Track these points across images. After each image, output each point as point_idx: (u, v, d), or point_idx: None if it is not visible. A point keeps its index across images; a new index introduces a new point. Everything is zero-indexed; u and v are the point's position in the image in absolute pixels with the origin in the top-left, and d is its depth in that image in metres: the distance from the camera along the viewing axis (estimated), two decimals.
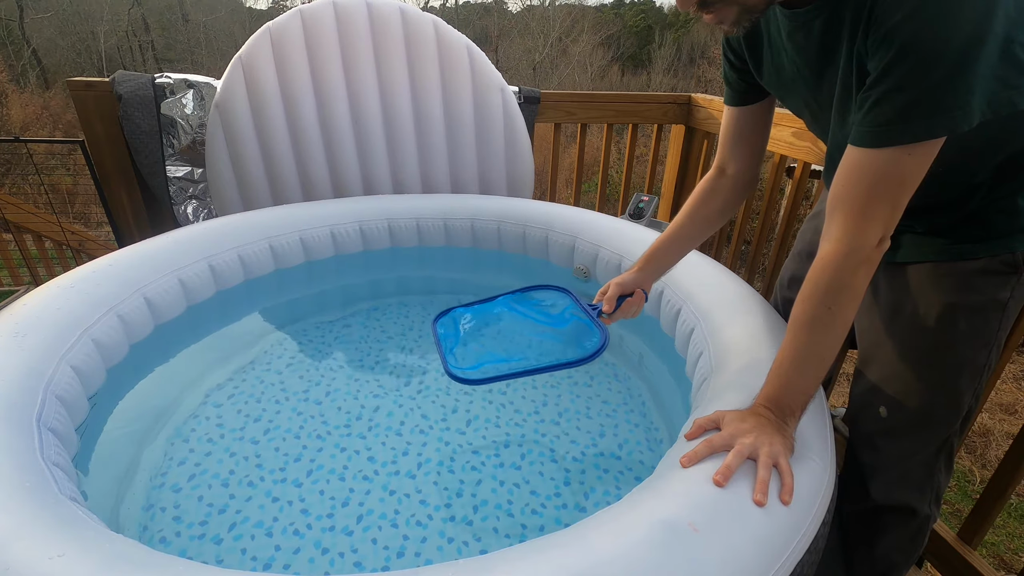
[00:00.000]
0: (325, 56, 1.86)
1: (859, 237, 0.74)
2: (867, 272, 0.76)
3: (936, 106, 0.66)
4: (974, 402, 0.95)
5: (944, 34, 0.63)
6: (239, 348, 1.55)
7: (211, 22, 22.59)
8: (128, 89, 1.87)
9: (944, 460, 0.99)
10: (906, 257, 0.94)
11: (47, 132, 13.08)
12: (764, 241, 2.15)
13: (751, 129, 1.06)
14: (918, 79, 0.66)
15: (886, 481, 1.02)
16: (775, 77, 0.95)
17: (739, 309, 1.20)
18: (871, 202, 0.73)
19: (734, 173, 1.09)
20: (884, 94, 0.69)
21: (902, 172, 0.71)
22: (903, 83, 0.67)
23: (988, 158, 0.82)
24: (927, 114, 0.67)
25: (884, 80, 0.69)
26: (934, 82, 0.65)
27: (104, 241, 3.73)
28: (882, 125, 0.70)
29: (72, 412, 1.02)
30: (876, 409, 0.99)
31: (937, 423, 0.95)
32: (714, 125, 2.17)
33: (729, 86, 1.05)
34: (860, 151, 0.74)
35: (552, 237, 1.78)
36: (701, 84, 16.62)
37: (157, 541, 1.01)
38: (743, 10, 0.77)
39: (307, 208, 1.81)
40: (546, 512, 1.12)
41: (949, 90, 0.65)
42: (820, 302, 0.78)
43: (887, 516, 1.04)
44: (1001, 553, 2.51)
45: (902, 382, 0.95)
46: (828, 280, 0.77)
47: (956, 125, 0.67)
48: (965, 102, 0.65)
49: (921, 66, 0.65)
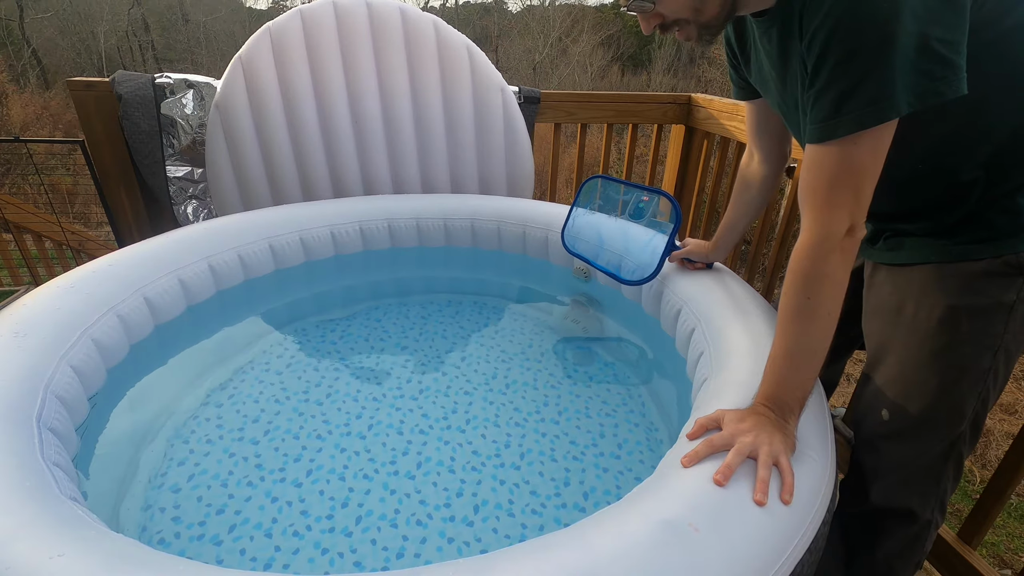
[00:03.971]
0: (325, 56, 1.86)
1: (826, 226, 0.78)
2: (841, 260, 0.79)
3: (862, 99, 0.71)
4: (981, 407, 0.93)
5: (856, 34, 0.69)
6: (239, 348, 1.55)
7: (211, 22, 22.59)
8: (128, 89, 1.86)
9: (952, 467, 0.98)
10: (909, 258, 0.94)
11: (47, 132, 13.07)
12: (764, 241, 2.15)
13: (767, 118, 1.12)
14: (840, 76, 0.72)
15: (886, 485, 1.01)
16: (758, 78, 1.01)
17: (740, 309, 1.20)
18: (832, 193, 0.77)
19: (761, 158, 1.20)
20: (819, 93, 0.75)
21: (855, 162, 0.75)
22: (830, 81, 0.73)
23: (967, 154, 0.83)
24: (855, 107, 0.72)
25: (816, 80, 0.75)
26: (855, 78, 0.71)
27: (104, 241, 3.73)
28: (822, 121, 0.75)
29: (72, 412, 1.02)
30: (879, 412, 0.98)
31: (938, 428, 0.94)
32: (714, 125, 2.17)
33: (734, 83, 1.13)
34: (813, 148, 0.78)
35: (552, 237, 1.78)
36: (701, 84, 16.61)
37: (156, 541, 1.01)
38: (702, 27, 0.85)
39: (307, 208, 1.81)
40: (546, 512, 1.12)
41: (869, 83, 0.70)
42: (799, 292, 0.81)
43: (887, 520, 1.03)
44: (1001, 553, 2.51)
45: (904, 385, 0.95)
46: (803, 270, 0.81)
47: (883, 115, 0.71)
48: (888, 93, 0.70)
49: (841, 64, 0.72)
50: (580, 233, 1.64)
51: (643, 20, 0.86)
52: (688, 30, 0.85)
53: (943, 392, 0.92)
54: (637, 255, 1.47)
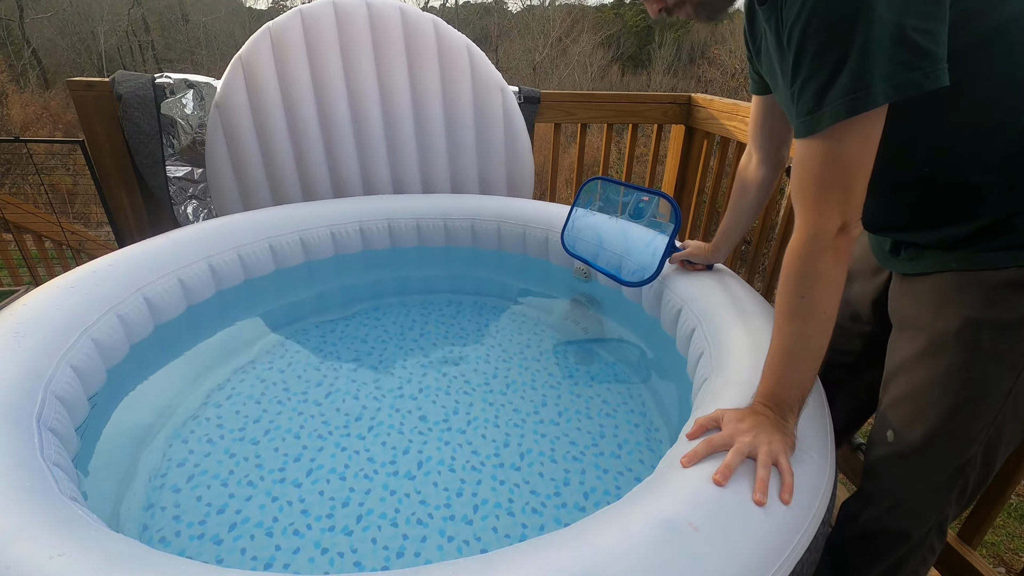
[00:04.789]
0: (325, 56, 1.86)
1: (817, 224, 0.77)
2: (834, 259, 0.77)
3: (840, 89, 0.69)
4: (996, 434, 0.85)
5: (828, 25, 0.68)
6: (239, 348, 1.55)
7: (211, 22, 22.59)
8: (128, 89, 1.87)
9: (958, 494, 0.91)
10: (926, 267, 0.89)
11: (47, 132, 13.08)
12: (764, 241, 2.15)
13: (770, 117, 1.12)
14: (818, 68, 0.71)
15: (883, 509, 0.97)
16: (767, 69, 0.98)
17: (740, 309, 1.20)
18: (821, 190, 0.76)
19: (760, 159, 1.18)
20: (801, 86, 0.74)
21: (841, 157, 0.73)
22: (810, 73, 0.72)
23: (974, 156, 0.79)
24: (834, 98, 0.70)
25: (797, 74, 0.74)
26: (831, 69, 0.69)
27: (104, 241, 3.74)
28: (806, 115, 0.74)
29: (72, 412, 1.02)
30: (884, 432, 0.94)
31: (945, 452, 0.88)
32: (714, 125, 2.17)
33: (751, 75, 1.11)
34: (800, 143, 0.77)
35: (552, 237, 1.78)
36: (701, 84, 16.61)
37: (157, 541, 1.01)
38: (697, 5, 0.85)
39: (307, 208, 1.81)
40: (546, 512, 1.12)
41: (846, 73, 0.68)
42: (793, 291, 0.80)
43: (879, 541, 0.99)
44: (1001, 553, 2.51)
45: (913, 404, 0.89)
46: (795, 269, 0.80)
47: (861, 105, 0.69)
48: (865, 84, 0.68)
49: (817, 56, 0.70)
50: (580, 234, 1.64)
51: (649, 4, 0.88)
52: (685, 9, 0.86)
53: (954, 413, 0.85)
54: (637, 256, 1.47)
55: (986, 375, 0.83)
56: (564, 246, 1.67)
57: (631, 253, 1.49)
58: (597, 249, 1.58)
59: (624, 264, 1.50)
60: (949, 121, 0.78)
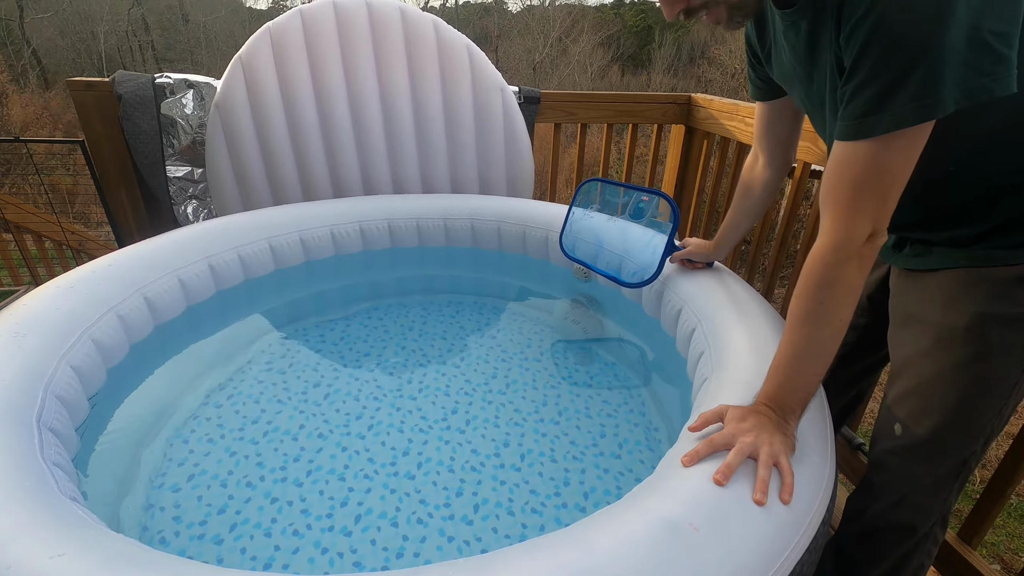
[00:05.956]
0: (325, 56, 1.86)
1: (847, 231, 0.75)
2: (858, 267, 0.76)
3: (906, 95, 0.66)
4: (999, 424, 0.88)
5: (904, 25, 0.64)
6: (239, 348, 1.55)
7: (211, 22, 22.59)
8: (128, 89, 1.86)
9: (958, 486, 0.93)
10: (934, 264, 0.89)
11: (47, 132, 13.08)
12: (764, 241, 2.15)
13: (777, 121, 1.11)
14: (885, 70, 0.67)
15: (889, 503, 0.97)
16: (779, 74, 0.96)
17: (740, 310, 1.20)
18: (857, 196, 0.73)
19: (766, 161, 1.18)
20: (857, 87, 0.70)
21: (884, 164, 0.71)
22: (872, 75, 0.68)
23: (1001, 156, 0.78)
24: (899, 103, 0.67)
25: (856, 74, 0.70)
26: (901, 71, 0.66)
27: (104, 241, 3.74)
28: (858, 118, 0.71)
29: (72, 412, 1.02)
30: (892, 426, 0.94)
31: (953, 445, 0.89)
32: (714, 125, 2.17)
33: (751, 83, 1.09)
34: (842, 145, 0.74)
35: (552, 237, 1.78)
36: (701, 84, 16.61)
37: (157, 541, 1.01)
38: (733, 8, 0.80)
39: (307, 208, 1.81)
40: (546, 512, 1.11)
41: (917, 78, 0.65)
42: (812, 297, 0.78)
43: (884, 536, 1.00)
44: (1001, 553, 2.51)
45: (921, 398, 0.90)
46: (818, 275, 0.78)
47: (929, 113, 0.66)
48: (936, 90, 0.65)
49: (886, 57, 0.66)
50: (578, 236, 1.64)
51: (667, 6, 0.81)
52: (718, 11, 0.80)
53: (963, 406, 0.86)
54: (637, 257, 1.47)
55: (994, 369, 0.83)
56: (563, 250, 1.67)
57: (631, 253, 1.49)
58: (596, 250, 1.58)
59: (624, 264, 1.50)
60: (989, 123, 0.76)
